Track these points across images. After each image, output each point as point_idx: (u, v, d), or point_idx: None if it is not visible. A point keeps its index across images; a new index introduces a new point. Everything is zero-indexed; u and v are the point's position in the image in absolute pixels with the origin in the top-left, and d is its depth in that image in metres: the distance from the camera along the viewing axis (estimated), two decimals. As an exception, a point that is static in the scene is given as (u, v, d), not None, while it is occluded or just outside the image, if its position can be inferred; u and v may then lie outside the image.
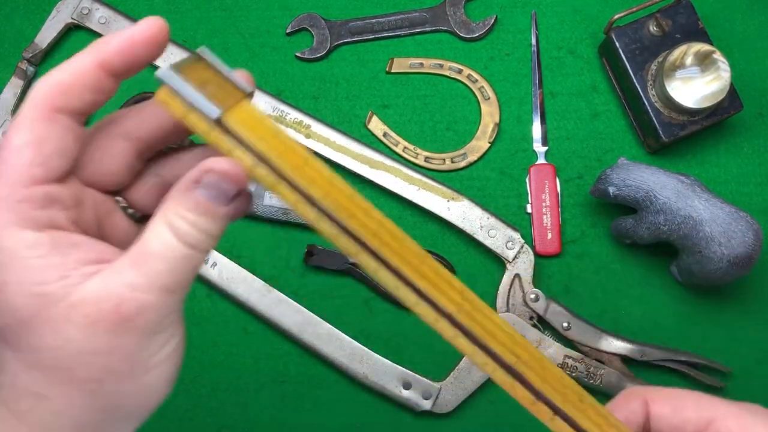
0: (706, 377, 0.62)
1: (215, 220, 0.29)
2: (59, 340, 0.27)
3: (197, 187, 0.28)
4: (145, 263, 0.28)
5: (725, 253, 0.56)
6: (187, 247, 0.28)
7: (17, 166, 0.27)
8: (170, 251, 0.28)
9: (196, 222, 0.28)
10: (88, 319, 0.27)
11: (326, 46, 0.68)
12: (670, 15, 0.63)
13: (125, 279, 0.27)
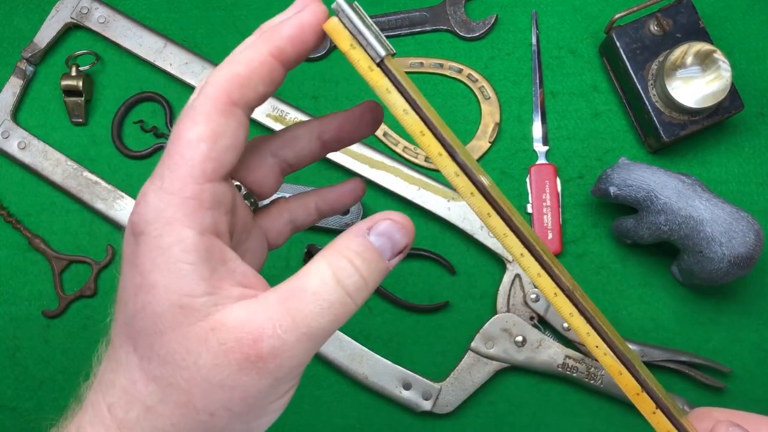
0: (707, 377, 0.62)
1: (378, 270, 0.27)
2: (189, 362, 0.26)
3: (370, 233, 0.27)
4: (295, 301, 0.26)
5: (726, 253, 0.56)
6: (344, 292, 0.26)
7: (191, 160, 0.26)
8: (326, 293, 0.26)
9: (360, 267, 0.27)
10: (224, 347, 0.25)
11: (326, 46, 0.68)
12: (671, 14, 0.63)
13: (270, 314, 0.26)
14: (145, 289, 0.26)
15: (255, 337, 0.25)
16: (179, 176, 0.26)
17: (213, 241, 0.26)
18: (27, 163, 0.66)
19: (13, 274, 0.66)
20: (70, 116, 0.67)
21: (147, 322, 0.26)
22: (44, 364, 0.65)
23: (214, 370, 0.26)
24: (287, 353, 0.26)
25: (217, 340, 0.25)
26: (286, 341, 0.26)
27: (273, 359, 0.26)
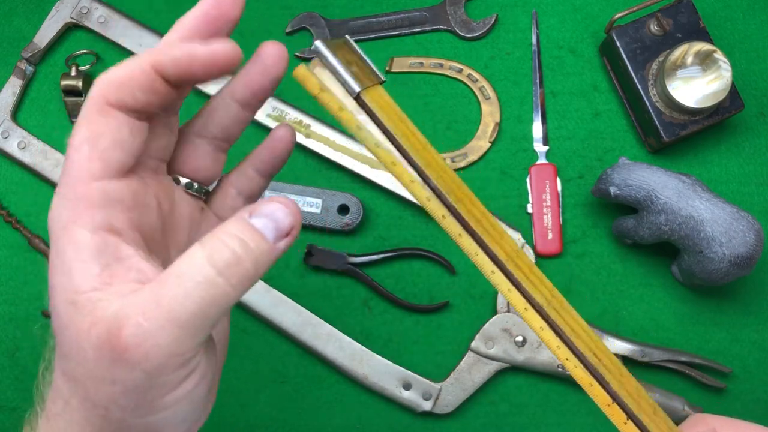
0: (707, 378, 0.62)
1: (260, 251, 0.26)
2: (80, 357, 0.26)
3: (251, 216, 0.27)
4: (162, 285, 0.25)
5: (726, 253, 0.56)
6: (214, 271, 0.25)
7: (76, 163, 0.27)
8: (192, 273, 0.25)
9: (235, 246, 0.26)
10: (99, 341, 0.25)
11: (326, 46, 0.68)
12: (671, 14, 0.63)
13: (138, 302, 0.25)
14: (51, 290, 0.27)
15: (119, 326, 0.25)
16: (69, 180, 0.27)
17: (106, 239, 0.26)
18: (27, 163, 0.66)
19: (13, 274, 0.66)
20: (70, 116, 0.67)
21: (55, 321, 0.27)
22: (44, 364, 0.65)
23: (96, 364, 0.25)
24: (150, 341, 0.25)
25: (96, 335, 0.25)
26: (147, 329, 0.24)
27: (136, 349, 0.25)
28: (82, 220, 0.26)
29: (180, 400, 0.27)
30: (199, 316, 0.25)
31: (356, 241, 0.65)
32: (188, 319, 0.25)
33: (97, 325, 0.25)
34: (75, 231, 0.26)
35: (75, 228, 0.26)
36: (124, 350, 0.25)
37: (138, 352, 0.25)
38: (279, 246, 0.27)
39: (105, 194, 0.27)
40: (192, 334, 0.25)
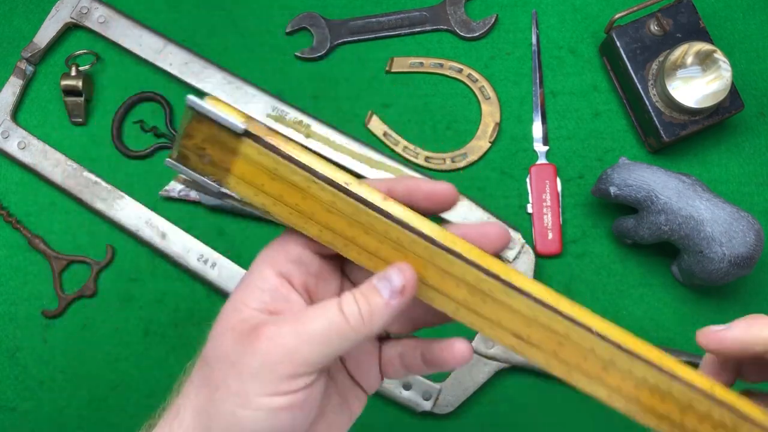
0: (707, 378, 0.62)
1: (375, 305, 0.33)
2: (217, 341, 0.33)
3: (376, 279, 0.33)
4: (302, 313, 0.33)
5: (726, 253, 0.56)
6: (342, 317, 0.32)
7: (294, 237, 0.35)
8: (326, 310, 0.32)
9: (360, 301, 0.33)
10: (240, 331, 0.32)
11: (326, 46, 0.68)
12: (671, 14, 0.63)
13: (282, 319, 0.32)
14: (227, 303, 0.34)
15: (262, 326, 0.32)
16: (284, 240, 0.35)
17: (285, 284, 0.34)
18: (27, 163, 0.66)
19: (13, 274, 0.66)
20: (70, 116, 0.67)
21: (214, 326, 0.34)
22: (44, 364, 0.65)
23: (230, 347, 0.32)
24: (278, 341, 0.31)
25: (240, 327, 0.32)
26: (280, 332, 0.31)
27: (266, 341, 0.31)
28: (273, 267, 0.34)
29: (273, 410, 0.31)
30: (319, 340, 0.32)
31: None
32: (311, 337, 0.31)
33: (246, 322, 0.32)
34: (265, 269, 0.34)
35: (266, 267, 0.34)
36: (256, 339, 0.31)
37: (266, 345, 0.31)
38: (392, 303, 0.33)
39: (298, 257, 0.35)
40: (311, 351, 0.31)
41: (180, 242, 0.64)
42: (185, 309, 0.65)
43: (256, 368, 0.31)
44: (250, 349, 0.31)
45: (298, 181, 0.34)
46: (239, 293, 0.34)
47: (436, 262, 0.34)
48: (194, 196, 0.65)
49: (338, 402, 0.38)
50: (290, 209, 0.34)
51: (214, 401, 0.32)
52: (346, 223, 0.34)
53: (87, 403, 0.64)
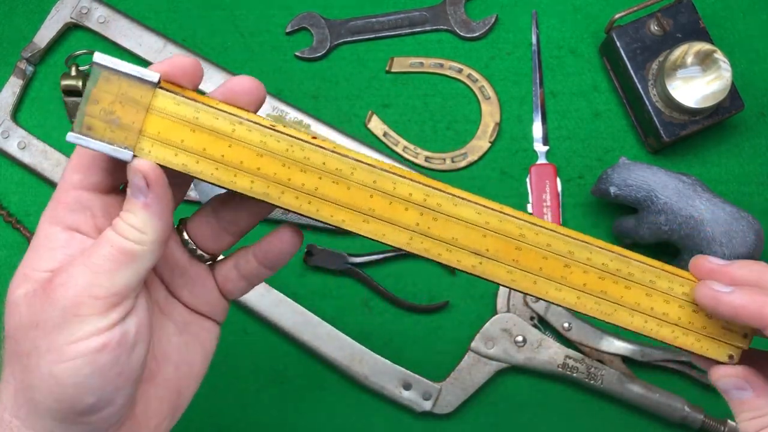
0: (707, 378, 0.61)
1: (141, 212, 0.32)
2: (12, 314, 0.31)
3: (129, 187, 0.32)
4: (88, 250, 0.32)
5: (726, 253, 0.56)
6: (116, 235, 0.32)
7: (65, 177, 0.33)
8: (105, 238, 0.32)
9: (124, 215, 0.32)
10: (34, 290, 0.31)
11: (326, 46, 0.68)
12: (672, 14, 0.63)
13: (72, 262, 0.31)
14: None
15: (53, 277, 0.31)
16: (58, 190, 0.33)
17: (75, 236, 0.32)
18: (27, 163, 0.66)
19: (13, 274, 0.66)
20: (70, 116, 0.67)
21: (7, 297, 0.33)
22: (44, 364, 0.65)
23: (26, 314, 0.31)
24: (71, 281, 0.30)
25: (33, 287, 0.32)
26: (70, 273, 0.31)
27: (60, 287, 0.30)
28: (56, 221, 0.32)
29: (90, 354, 0.30)
30: (109, 266, 0.31)
31: (356, 241, 0.65)
32: (100, 266, 0.31)
33: (37, 282, 0.31)
34: (49, 227, 0.32)
35: (49, 225, 0.32)
36: (51, 291, 0.30)
37: (60, 291, 0.30)
38: (148, 201, 0.32)
39: (77, 201, 0.33)
40: (106, 280, 0.31)
41: (180, 242, 0.64)
42: (185, 309, 0.65)
43: (59, 318, 0.30)
44: (47, 302, 0.30)
45: (222, 126, 0.33)
46: (26, 260, 0.32)
47: (380, 187, 0.34)
48: (194, 196, 0.65)
49: (183, 340, 0.37)
50: (216, 163, 0.33)
51: (29, 370, 0.31)
52: (280, 164, 0.33)
53: (87, 403, 0.64)
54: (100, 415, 0.32)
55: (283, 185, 0.33)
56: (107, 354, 0.31)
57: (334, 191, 0.33)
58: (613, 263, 0.35)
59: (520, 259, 0.34)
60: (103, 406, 0.31)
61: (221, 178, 0.33)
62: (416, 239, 0.34)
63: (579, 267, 0.35)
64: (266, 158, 0.33)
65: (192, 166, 0.33)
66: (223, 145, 0.33)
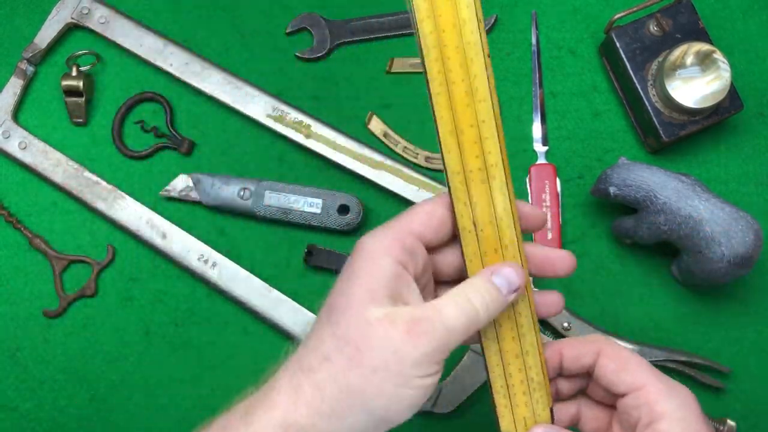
0: (706, 377, 0.62)
1: (497, 302, 0.39)
2: (365, 330, 0.36)
3: (494, 275, 0.39)
4: (443, 305, 0.37)
5: (725, 253, 0.56)
6: (472, 309, 0.38)
7: (414, 222, 0.39)
8: (460, 307, 0.37)
9: (484, 296, 0.38)
10: (392, 321, 0.36)
11: (326, 46, 0.68)
12: (671, 15, 0.63)
13: (428, 311, 0.37)
14: (347, 291, 0.38)
15: (416, 320, 0.36)
16: (402, 226, 0.39)
17: (400, 270, 0.38)
18: (27, 163, 0.66)
19: (14, 274, 0.66)
20: (71, 116, 0.67)
21: (343, 299, 0.37)
22: (45, 364, 0.65)
23: (383, 336, 0.36)
24: (433, 336, 0.36)
25: (399, 321, 0.36)
26: (434, 328, 0.36)
27: (425, 335, 0.36)
28: (390, 253, 0.37)
29: (420, 387, 0.36)
30: (462, 331, 0.37)
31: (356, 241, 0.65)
32: (456, 330, 0.37)
33: (393, 312, 0.36)
34: (384, 257, 0.37)
35: (384, 255, 0.37)
36: (415, 336, 0.36)
37: (424, 340, 0.36)
38: (509, 298, 0.39)
39: (412, 247, 0.38)
40: (455, 341, 0.37)
41: (180, 242, 0.64)
42: (186, 309, 0.65)
43: (418, 358, 0.36)
44: (411, 342, 0.36)
45: None
46: (367, 281, 0.37)
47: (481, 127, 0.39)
48: (194, 196, 0.65)
49: None
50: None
51: (370, 382, 0.36)
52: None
53: (87, 402, 0.64)
54: (393, 426, 0.38)
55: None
56: (432, 389, 0.37)
57: None
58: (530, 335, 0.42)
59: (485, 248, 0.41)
60: (401, 422, 0.38)
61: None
62: (458, 178, 0.39)
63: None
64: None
65: None
66: None
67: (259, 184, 0.64)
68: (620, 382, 0.41)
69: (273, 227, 0.66)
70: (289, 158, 0.67)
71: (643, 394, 0.40)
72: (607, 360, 0.41)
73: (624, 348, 0.42)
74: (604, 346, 0.42)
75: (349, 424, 0.37)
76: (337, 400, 0.36)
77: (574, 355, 0.42)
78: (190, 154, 0.67)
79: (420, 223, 0.39)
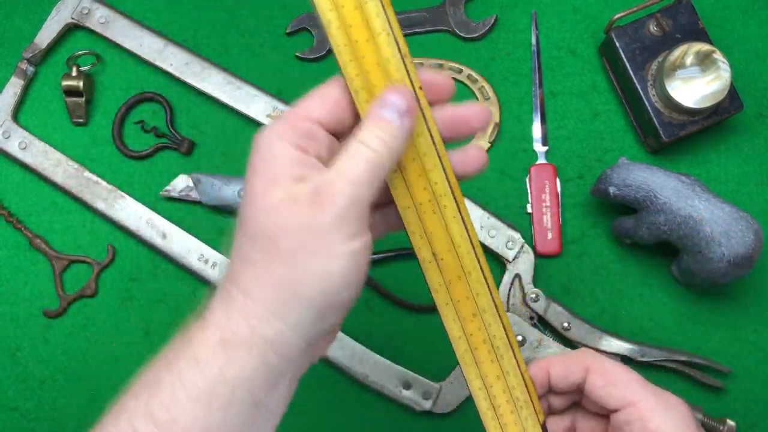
0: (706, 377, 0.62)
1: (393, 133, 0.36)
2: (271, 217, 0.35)
3: (381, 109, 0.37)
4: (339, 163, 0.36)
5: (725, 253, 0.56)
6: (370, 152, 0.36)
7: (308, 107, 0.38)
8: (358, 155, 0.36)
9: (379, 135, 0.36)
10: (295, 199, 0.34)
11: (326, 46, 0.68)
12: (671, 15, 0.63)
13: (327, 174, 0.35)
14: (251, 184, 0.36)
15: (315, 187, 0.35)
16: (295, 114, 0.37)
17: (303, 156, 0.36)
18: (28, 163, 0.66)
19: (14, 274, 0.66)
20: (71, 116, 0.67)
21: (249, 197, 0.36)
22: (45, 363, 0.65)
23: (289, 217, 0.34)
24: (339, 194, 0.35)
25: (291, 198, 0.35)
26: (335, 186, 0.35)
27: (331, 197, 0.34)
28: (290, 140, 0.36)
29: (347, 254, 0.35)
30: (368, 178, 0.35)
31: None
32: (361, 179, 0.35)
33: (295, 192, 0.35)
34: (285, 145, 0.36)
35: (284, 143, 0.36)
36: (321, 201, 0.34)
37: (331, 201, 0.34)
38: (404, 123, 0.37)
39: (309, 130, 0.37)
40: (366, 191, 0.35)
41: (180, 242, 0.64)
42: (186, 309, 0.65)
43: (331, 222, 0.34)
44: (319, 210, 0.34)
45: None
46: (265, 170, 0.36)
47: (423, 159, 0.38)
48: (195, 196, 0.65)
49: None
50: None
51: (295, 266, 0.34)
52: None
53: (88, 402, 0.64)
54: (344, 311, 0.37)
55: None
56: (364, 254, 0.35)
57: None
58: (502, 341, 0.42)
59: (452, 288, 0.41)
60: (350, 303, 0.36)
61: None
62: (410, 212, 0.40)
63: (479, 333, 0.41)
64: None
65: None
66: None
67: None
68: (611, 398, 0.40)
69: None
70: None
71: (635, 410, 0.39)
72: (596, 376, 0.41)
73: (612, 362, 0.41)
74: (591, 363, 0.41)
75: (293, 323, 0.35)
76: (269, 300, 0.35)
77: (561, 374, 0.42)
78: (190, 154, 0.67)
79: (315, 107, 0.38)
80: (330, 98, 0.39)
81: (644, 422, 0.39)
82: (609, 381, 0.40)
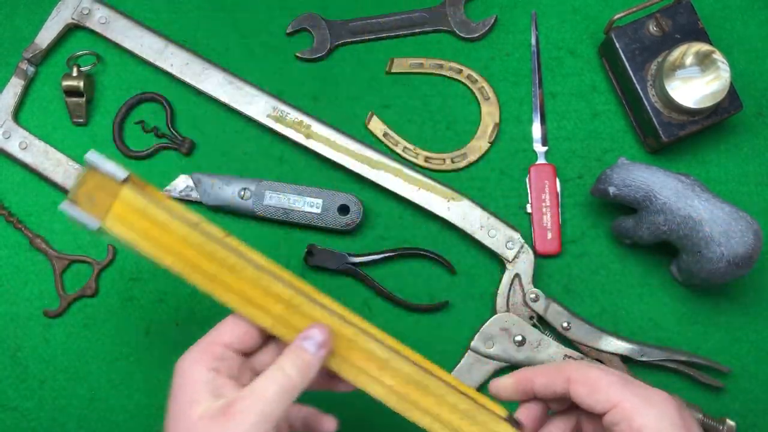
0: (706, 377, 0.62)
1: (306, 361, 0.43)
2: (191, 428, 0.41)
3: (304, 341, 0.44)
4: (255, 383, 0.42)
5: (725, 253, 0.56)
6: (283, 375, 0.42)
7: (220, 334, 0.45)
8: (272, 378, 0.42)
9: (295, 361, 0.43)
10: (211, 415, 0.41)
11: (326, 46, 0.68)
12: (670, 15, 0.63)
13: (242, 392, 0.42)
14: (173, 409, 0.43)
15: (230, 404, 0.41)
16: (212, 339, 0.45)
17: (217, 377, 0.43)
18: (28, 164, 0.66)
19: (15, 273, 0.66)
20: (71, 116, 0.67)
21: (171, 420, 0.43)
22: (45, 363, 0.65)
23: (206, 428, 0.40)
24: (251, 410, 0.41)
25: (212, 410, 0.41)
26: (246, 404, 0.41)
27: (239, 414, 0.40)
28: (207, 364, 0.43)
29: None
30: (279, 399, 0.41)
31: (356, 241, 0.65)
32: (272, 400, 0.41)
33: (218, 405, 0.41)
34: (201, 369, 0.43)
35: (200, 367, 0.43)
36: (231, 417, 0.40)
37: (240, 417, 0.40)
38: (319, 354, 0.44)
39: (223, 354, 0.44)
40: (275, 409, 0.41)
41: (181, 242, 0.64)
42: (186, 308, 0.65)
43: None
44: (229, 424, 0.40)
45: (161, 218, 0.44)
46: (185, 392, 0.42)
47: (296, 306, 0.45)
48: (195, 196, 0.65)
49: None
50: (154, 243, 0.45)
51: None
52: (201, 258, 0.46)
53: (88, 402, 0.64)
54: None
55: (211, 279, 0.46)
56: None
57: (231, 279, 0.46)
58: (417, 376, 0.45)
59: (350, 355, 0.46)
60: None
61: (155, 255, 0.45)
62: (278, 326, 0.45)
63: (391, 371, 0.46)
64: (188, 249, 0.45)
65: (139, 242, 0.44)
66: (160, 231, 0.44)
67: (260, 184, 0.64)
68: (597, 403, 0.41)
69: (273, 227, 0.66)
70: (289, 158, 0.67)
71: (619, 410, 0.40)
72: (578, 386, 0.42)
73: (593, 368, 0.42)
74: (572, 373, 0.42)
75: None
76: None
77: (544, 384, 0.44)
78: (190, 154, 0.67)
79: (227, 334, 0.45)
80: (239, 326, 0.45)
81: (629, 421, 0.40)
82: (592, 388, 0.41)
